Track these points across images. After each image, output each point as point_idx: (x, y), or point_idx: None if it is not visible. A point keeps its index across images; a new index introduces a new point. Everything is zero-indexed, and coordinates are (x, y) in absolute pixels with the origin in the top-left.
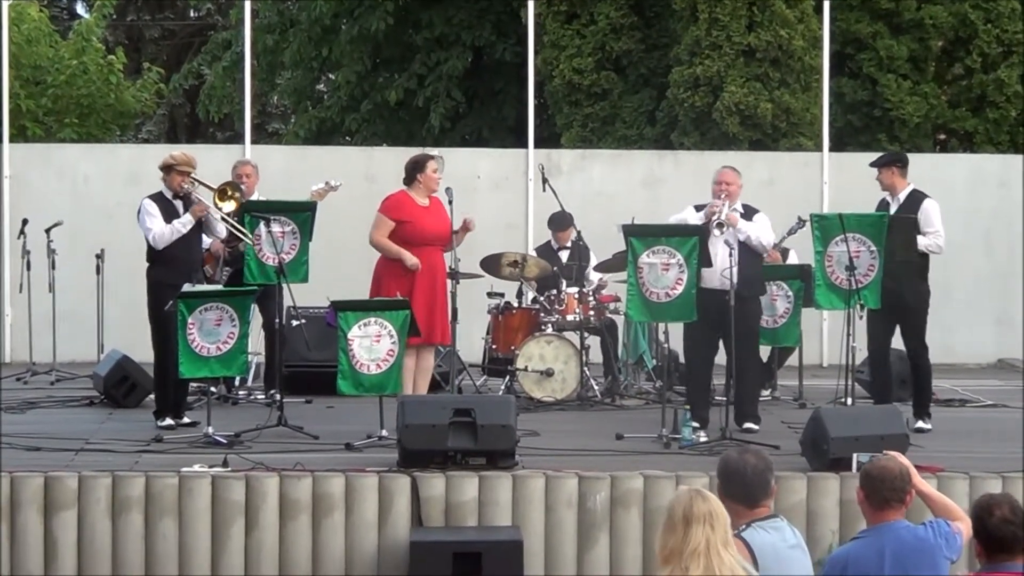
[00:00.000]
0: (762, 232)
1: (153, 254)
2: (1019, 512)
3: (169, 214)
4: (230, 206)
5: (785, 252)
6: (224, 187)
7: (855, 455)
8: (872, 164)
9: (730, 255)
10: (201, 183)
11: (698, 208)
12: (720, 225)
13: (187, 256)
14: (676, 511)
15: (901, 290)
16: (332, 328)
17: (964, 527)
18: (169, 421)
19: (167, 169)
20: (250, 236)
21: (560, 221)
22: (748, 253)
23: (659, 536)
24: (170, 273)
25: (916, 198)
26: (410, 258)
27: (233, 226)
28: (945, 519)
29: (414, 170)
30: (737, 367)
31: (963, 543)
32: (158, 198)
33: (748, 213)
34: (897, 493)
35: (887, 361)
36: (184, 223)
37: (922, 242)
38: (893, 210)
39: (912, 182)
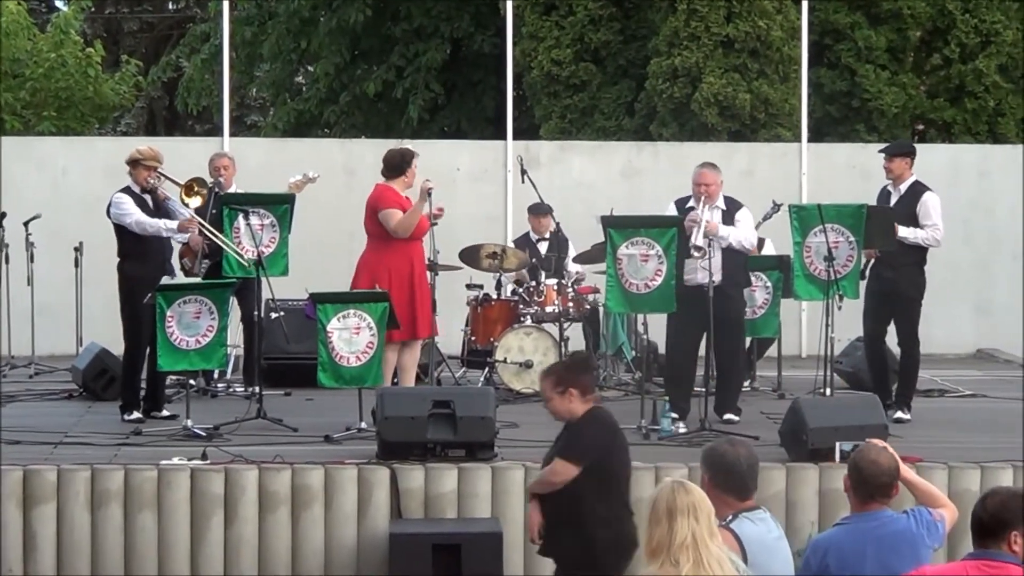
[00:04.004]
0: (745, 234)
1: (124, 249)
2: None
3: (141, 208)
4: (196, 202)
5: (761, 241)
6: (191, 183)
7: (837, 444)
8: (886, 152)
9: (709, 245)
10: (168, 178)
11: (679, 204)
12: (698, 248)
13: (157, 250)
14: (659, 505)
15: (897, 279)
16: (311, 320)
17: (948, 513)
18: (136, 414)
19: (134, 164)
20: (226, 241)
21: (538, 207)
22: (731, 250)
23: (644, 530)
24: (142, 267)
25: (917, 190)
26: (422, 189)
27: (211, 233)
28: (928, 507)
29: (403, 164)
30: (722, 361)
31: (946, 530)
32: (128, 192)
33: (731, 209)
34: (884, 488)
35: (883, 350)
36: (170, 229)
37: (917, 235)
38: (894, 200)
39: (915, 173)
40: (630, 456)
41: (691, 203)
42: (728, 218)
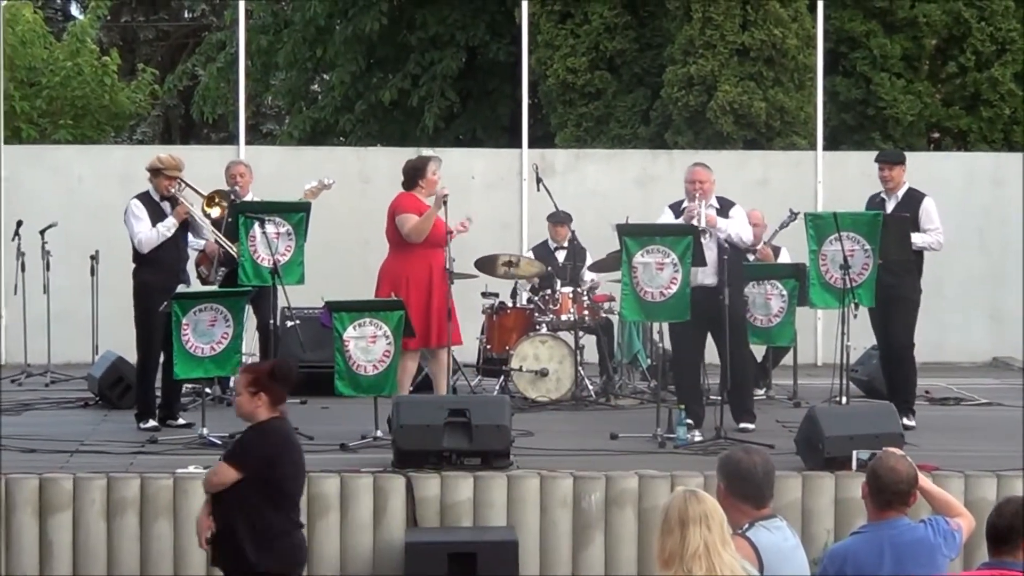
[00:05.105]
0: (741, 228)
1: (139, 256)
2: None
3: (156, 215)
4: (216, 212)
5: (777, 250)
6: (212, 195)
7: (854, 452)
8: (887, 161)
9: (723, 255)
10: (189, 186)
11: (673, 207)
12: (702, 232)
13: (173, 258)
14: (671, 514)
15: (898, 284)
16: (326, 329)
17: (964, 523)
18: (152, 423)
19: (155, 172)
20: (234, 249)
21: (556, 216)
22: (728, 247)
23: (656, 540)
24: (157, 275)
25: (915, 196)
26: (437, 196)
27: (222, 241)
28: (945, 516)
29: (415, 175)
30: (731, 363)
31: (963, 539)
32: (145, 199)
33: (724, 207)
34: (901, 496)
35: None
36: (168, 227)
37: (925, 240)
38: (891, 207)
39: (907, 180)
40: (304, 471)
41: (685, 204)
42: (723, 215)
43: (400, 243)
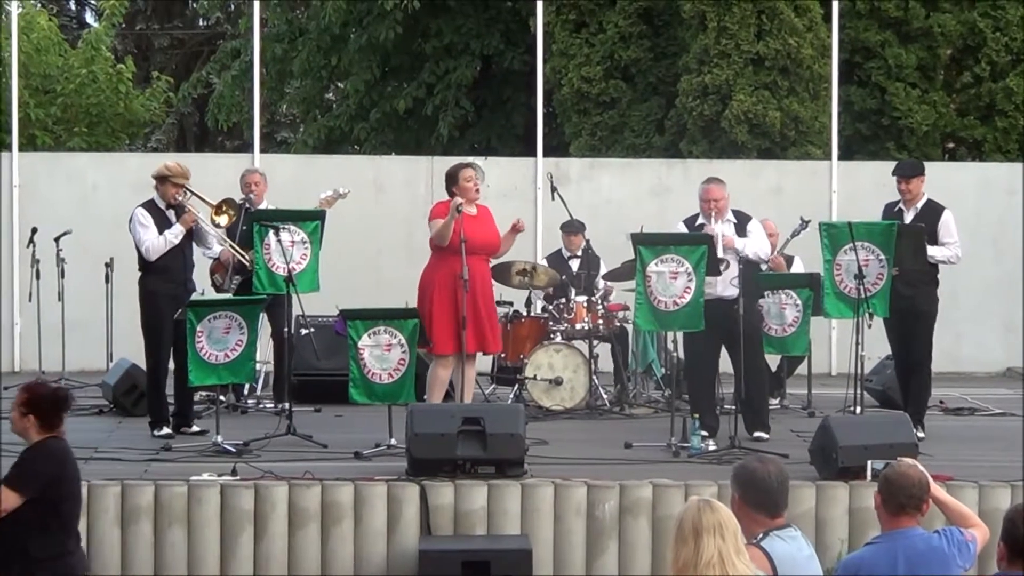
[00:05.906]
0: (758, 245)
1: (145, 264)
2: None
3: (161, 224)
4: (224, 220)
5: (790, 260)
6: (221, 203)
7: (869, 463)
8: (904, 174)
9: (739, 265)
10: (195, 194)
11: (687, 222)
12: (721, 261)
13: (179, 265)
14: (685, 523)
15: (915, 296)
16: (341, 337)
17: (979, 533)
18: (166, 430)
19: (161, 179)
20: (246, 257)
21: (570, 225)
22: (745, 262)
23: (670, 549)
24: (163, 283)
25: (934, 208)
26: (454, 205)
27: (235, 249)
28: (959, 526)
29: (450, 183)
30: (745, 376)
31: (977, 550)
32: (150, 207)
33: (741, 222)
34: (914, 501)
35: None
36: (176, 234)
37: (943, 253)
38: (910, 218)
39: (925, 192)
40: (80, 489)
41: (700, 220)
42: (740, 230)
43: (434, 249)
